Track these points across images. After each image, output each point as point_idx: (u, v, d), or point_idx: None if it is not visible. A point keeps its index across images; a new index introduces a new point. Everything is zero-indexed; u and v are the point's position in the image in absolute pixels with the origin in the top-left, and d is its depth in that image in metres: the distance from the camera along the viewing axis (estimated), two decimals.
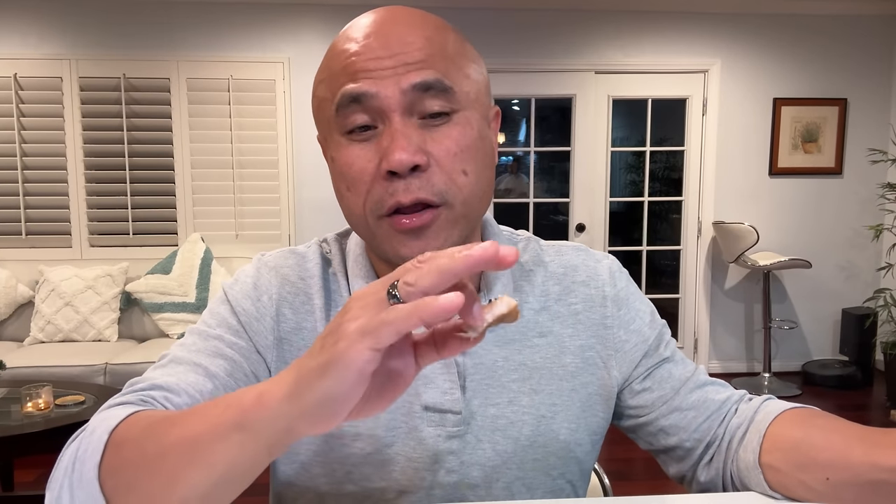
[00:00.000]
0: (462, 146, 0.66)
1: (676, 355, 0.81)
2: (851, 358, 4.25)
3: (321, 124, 0.71)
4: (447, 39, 0.67)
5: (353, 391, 0.42)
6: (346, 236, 0.80)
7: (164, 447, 0.50)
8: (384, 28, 0.66)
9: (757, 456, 0.70)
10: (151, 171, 4.01)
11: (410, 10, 0.68)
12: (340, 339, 0.41)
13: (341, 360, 0.41)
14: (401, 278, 0.41)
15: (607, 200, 4.38)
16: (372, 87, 0.63)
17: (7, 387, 2.58)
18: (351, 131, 0.66)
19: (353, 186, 0.66)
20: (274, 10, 4.01)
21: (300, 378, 0.43)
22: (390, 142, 0.63)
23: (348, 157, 0.66)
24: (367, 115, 0.65)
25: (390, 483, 0.71)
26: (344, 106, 0.65)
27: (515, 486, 0.74)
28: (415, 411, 0.72)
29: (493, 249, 0.40)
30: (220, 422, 0.47)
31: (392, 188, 0.64)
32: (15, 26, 3.89)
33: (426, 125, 0.65)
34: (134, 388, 0.66)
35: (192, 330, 0.73)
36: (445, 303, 0.39)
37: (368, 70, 0.64)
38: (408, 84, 0.63)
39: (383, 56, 0.64)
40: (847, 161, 4.39)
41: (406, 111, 0.64)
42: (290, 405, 0.43)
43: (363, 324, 0.41)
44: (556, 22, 4.19)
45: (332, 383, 0.41)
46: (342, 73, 0.65)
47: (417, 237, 0.65)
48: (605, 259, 0.82)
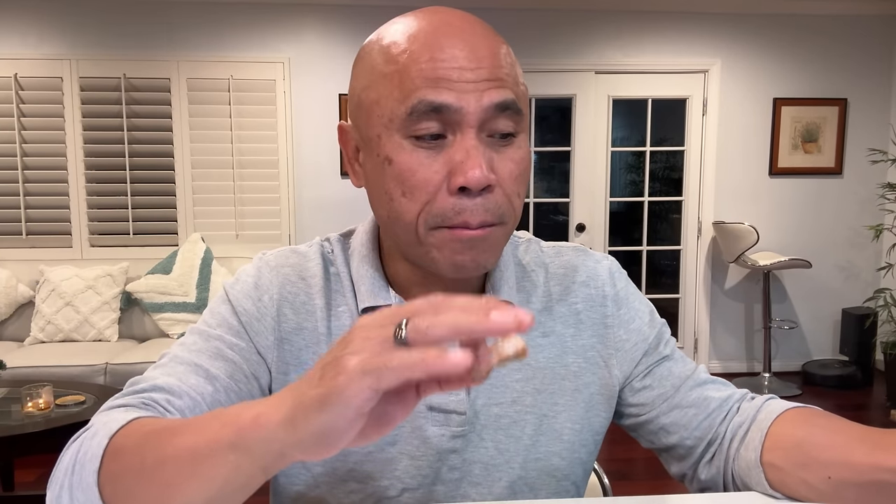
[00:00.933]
0: (521, 169, 0.66)
1: (676, 354, 0.82)
2: (851, 358, 4.26)
3: (374, 121, 0.65)
4: (512, 56, 0.67)
5: (350, 427, 0.42)
6: (350, 236, 0.80)
7: (162, 458, 0.50)
8: (464, 36, 0.63)
9: (758, 455, 0.70)
10: (151, 171, 4.01)
11: (476, 18, 0.67)
12: (341, 372, 0.40)
13: (340, 396, 0.40)
14: (411, 319, 0.40)
15: (607, 200, 4.38)
16: (455, 100, 0.61)
17: (7, 387, 2.58)
18: (419, 137, 0.63)
19: (412, 193, 0.64)
20: (274, 10, 4.01)
21: (297, 406, 0.43)
22: (466, 158, 0.61)
23: (412, 162, 0.63)
24: (440, 125, 0.63)
25: (392, 481, 0.72)
26: (420, 112, 0.62)
27: (518, 486, 0.74)
28: (419, 411, 0.72)
29: (512, 320, 0.39)
30: (217, 438, 0.47)
31: (460, 206, 0.63)
32: (15, 26, 3.89)
33: (493, 144, 0.64)
34: (135, 388, 0.66)
35: (193, 329, 0.73)
36: (454, 361, 0.38)
37: (451, 80, 0.62)
38: (489, 102, 0.62)
39: (467, 67, 0.62)
40: (847, 161, 4.39)
41: (480, 128, 0.63)
42: (286, 432, 0.43)
43: (365, 361, 0.40)
44: (556, 22, 4.19)
45: (329, 418, 0.41)
46: (419, 77, 0.62)
47: (472, 248, 0.65)
48: (605, 260, 0.83)
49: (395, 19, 0.68)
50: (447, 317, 0.39)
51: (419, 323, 0.40)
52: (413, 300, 0.42)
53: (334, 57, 4.06)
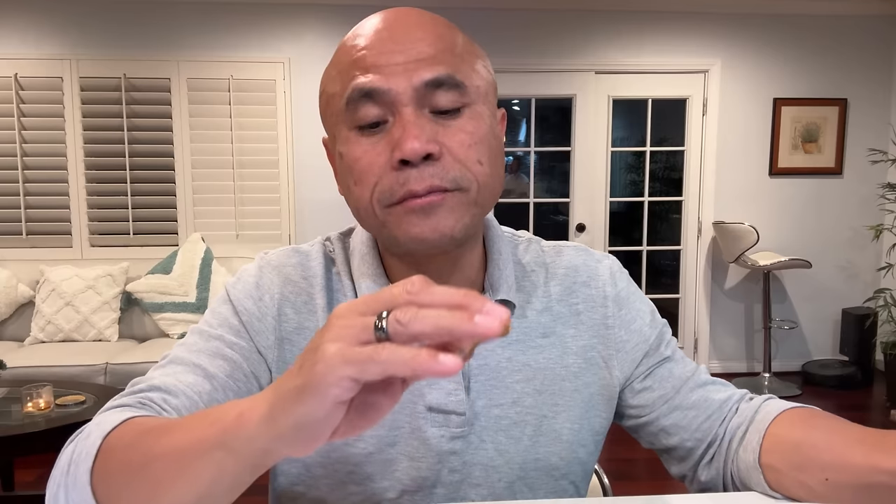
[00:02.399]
0: (476, 138, 0.65)
1: (677, 354, 0.81)
2: (851, 358, 4.25)
3: (329, 120, 0.70)
4: (456, 37, 0.68)
5: (329, 417, 0.41)
6: (350, 235, 0.80)
7: (151, 457, 0.50)
8: (395, 25, 0.66)
9: (757, 456, 0.70)
10: (152, 171, 4.01)
11: (419, 11, 0.69)
12: (319, 361, 0.40)
13: (318, 385, 0.39)
14: (392, 312, 0.39)
15: (607, 200, 4.38)
16: (384, 82, 0.63)
17: (7, 387, 2.58)
18: (361, 127, 0.65)
19: (361, 180, 0.65)
20: (274, 10, 4.01)
21: (277, 400, 0.42)
22: (402, 132, 0.62)
23: (357, 151, 0.65)
24: (378, 110, 0.64)
25: (392, 482, 0.72)
26: (354, 100, 0.64)
27: (517, 486, 0.74)
28: (418, 412, 0.72)
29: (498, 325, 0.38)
30: (203, 437, 0.47)
31: (403, 177, 0.63)
32: (15, 26, 3.89)
33: (439, 120, 0.65)
34: (133, 388, 0.66)
35: (194, 329, 0.73)
36: (446, 366, 0.37)
37: (379, 65, 0.63)
38: (419, 80, 0.63)
39: (395, 51, 0.64)
40: (847, 161, 4.39)
41: (418, 105, 0.64)
42: (267, 427, 0.43)
43: (345, 351, 0.39)
44: (556, 22, 4.19)
45: (308, 409, 0.40)
46: (352, 68, 0.65)
47: (428, 215, 0.64)
48: (606, 259, 0.83)
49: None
50: (430, 313, 0.38)
51: (401, 316, 0.39)
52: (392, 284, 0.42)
53: None
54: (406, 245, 0.66)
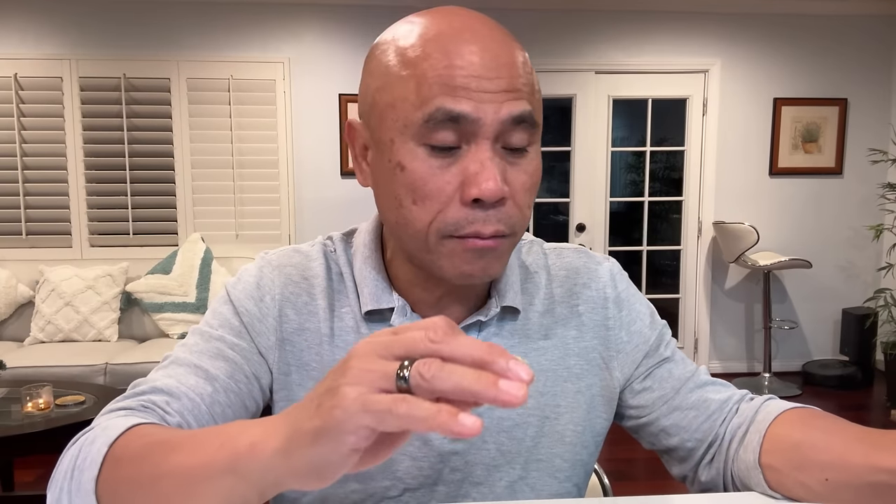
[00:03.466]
0: (533, 181, 0.66)
1: (677, 355, 0.81)
2: (852, 358, 4.25)
3: (388, 122, 0.63)
4: (529, 64, 0.66)
5: (344, 462, 0.41)
6: (352, 235, 0.79)
7: (159, 474, 0.50)
8: (485, 42, 0.62)
9: (757, 456, 0.70)
10: (151, 171, 4.01)
11: (494, 23, 0.65)
12: (338, 405, 0.39)
13: (335, 431, 0.39)
14: (416, 364, 0.38)
15: (607, 200, 4.38)
16: (473, 111, 0.60)
17: (7, 387, 2.58)
18: (434, 146, 0.61)
19: (423, 202, 0.62)
20: (274, 10, 4.01)
21: (293, 436, 0.42)
22: (480, 169, 0.60)
23: (425, 171, 0.62)
24: (456, 136, 0.61)
25: (394, 481, 0.72)
26: (437, 121, 0.60)
27: (518, 486, 0.74)
28: None
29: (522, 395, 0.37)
30: (213, 461, 0.47)
31: (473, 216, 0.62)
32: (15, 26, 3.89)
33: (506, 156, 0.63)
34: (136, 390, 0.66)
35: (195, 330, 0.73)
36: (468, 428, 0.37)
37: (470, 90, 0.60)
38: (507, 114, 0.61)
39: (486, 77, 0.60)
40: (847, 161, 4.39)
41: (496, 139, 0.62)
42: (281, 461, 0.43)
43: (365, 398, 0.38)
44: (556, 22, 4.19)
45: (324, 452, 0.40)
46: (437, 83, 0.60)
47: (482, 258, 0.64)
48: (606, 262, 0.83)
49: (409, 18, 0.66)
50: (455, 372, 0.38)
51: (424, 370, 0.38)
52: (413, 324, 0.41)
53: (334, 57, 4.06)
54: (451, 278, 0.66)
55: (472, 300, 0.74)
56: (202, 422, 0.66)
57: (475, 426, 0.37)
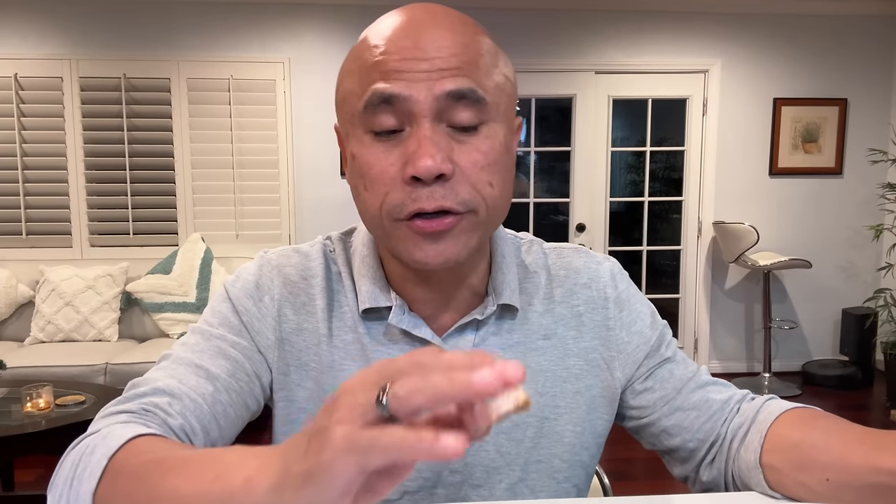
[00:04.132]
0: (490, 159, 0.64)
1: (678, 356, 0.81)
2: (852, 358, 4.25)
3: (343, 117, 0.68)
4: (483, 46, 0.65)
5: (338, 501, 0.39)
6: (351, 234, 0.79)
7: (154, 497, 0.50)
8: (420, 27, 0.63)
9: (758, 456, 0.70)
10: (151, 171, 4.01)
11: (447, 11, 0.66)
12: (325, 446, 0.38)
13: (325, 473, 0.38)
14: (392, 384, 0.37)
15: (607, 200, 4.38)
16: (404, 89, 0.61)
17: (7, 387, 2.58)
18: (377, 132, 0.64)
19: (372, 186, 0.64)
20: (274, 10, 4.01)
21: (284, 477, 0.41)
22: (417, 147, 0.61)
23: (370, 156, 0.64)
24: (396, 118, 0.62)
25: None
26: (373, 105, 0.62)
27: (518, 488, 0.74)
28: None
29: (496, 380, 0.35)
30: (208, 491, 0.47)
31: (415, 194, 0.62)
32: (15, 26, 3.89)
33: (454, 135, 0.63)
34: (136, 391, 0.66)
35: (194, 329, 0.73)
36: (447, 448, 0.35)
37: (401, 71, 0.62)
38: (441, 90, 0.61)
39: (418, 58, 0.62)
40: (847, 161, 4.39)
41: (436, 117, 0.62)
42: (274, 498, 0.42)
43: (350, 436, 0.37)
44: (556, 22, 4.19)
45: (315, 492, 0.39)
46: (373, 70, 0.63)
47: (435, 241, 0.64)
48: (607, 262, 0.83)
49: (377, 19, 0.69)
50: (428, 383, 0.36)
51: (398, 390, 0.36)
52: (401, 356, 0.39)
53: (334, 57, 4.05)
54: (409, 264, 0.66)
55: (469, 299, 0.74)
56: (204, 422, 0.66)
57: (456, 445, 0.35)
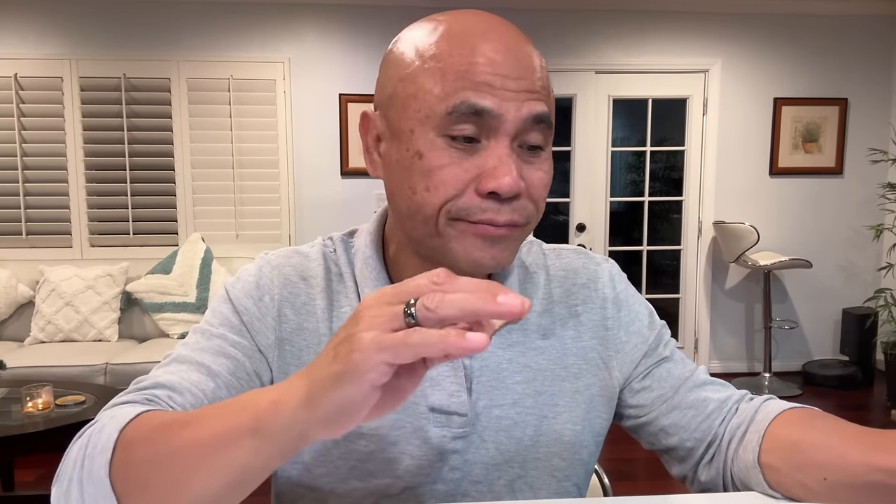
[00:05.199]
0: (549, 178, 0.68)
1: (676, 355, 0.82)
2: (852, 358, 4.25)
3: (409, 112, 0.64)
4: (546, 69, 0.68)
5: (367, 400, 0.43)
6: (353, 236, 0.80)
7: (175, 449, 0.50)
8: (508, 43, 0.64)
9: (756, 455, 0.71)
10: (151, 171, 4.01)
11: (514, 27, 0.67)
12: (355, 349, 0.42)
13: (356, 370, 0.42)
14: (419, 299, 0.42)
15: (607, 200, 4.38)
16: (497, 106, 0.62)
17: (7, 387, 2.58)
18: (454, 137, 0.63)
19: (437, 188, 0.63)
20: (274, 10, 4.01)
21: (314, 385, 0.44)
22: (499, 164, 0.62)
23: (443, 159, 0.63)
24: (477, 130, 0.63)
25: (394, 480, 0.72)
26: (460, 113, 0.62)
27: (517, 485, 0.75)
28: (421, 412, 0.72)
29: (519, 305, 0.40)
30: (234, 425, 0.48)
31: (487, 206, 0.63)
32: (15, 26, 3.89)
33: (522, 154, 0.65)
34: (138, 385, 0.66)
35: (196, 329, 0.73)
36: (475, 343, 0.40)
37: (494, 87, 0.62)
38: (528, 113, 0.63)
39: (510, 76, 0.62)
40: (847, 161, 4.39)
41: (515, 137, 0.63)
42: (306, 412, 0.45)
43: (379, 338, 0.41)
44: (557, 22, 4.19)
45: (347, 393, 0.43)
46: (464, 78, 0.62)
47: (493, 245, 0.65)
48: (605, 262, 0.84)
49: (431, 17, 0.67)
50: (456, 297, 0.41)
51: (428, 302, 0.41)
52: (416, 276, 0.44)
53: (334, 57, 4.06)
54: (461, 263, 0.66)
55: None
56: None
57: (483, 341, 0.40)
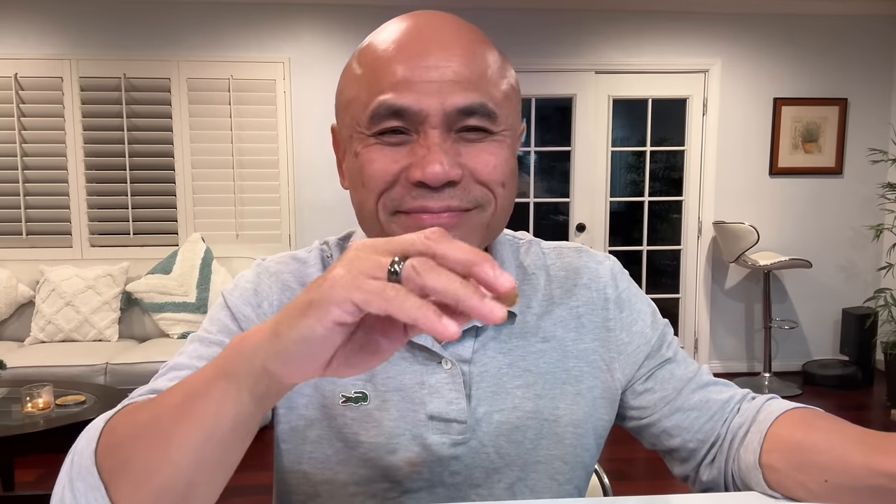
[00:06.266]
0: (500, 160, 0.65)
1: (679, 356, 0.81)
2: (852, 358, 4.25)
3: (345, 121, 0.67)
4: (490, 55, 0.65)
5: (329, 337, 0.42)
6: (348, 239, 0.79)
7: (156, 412, 0.51)
8: (429, 37, 0.63)
9: (757, 456, 0.70)
10: (152, 171, 4.01)
11: (454, 20, 0.66)
12: (328, 282, 0.41)
13: (323, 300, 0.41)
14: (410, 259, 0.40)
15: (607, 200, 4.37)
16: (414, 103, 0.61)
17: (7, 387, 2.58)
18: (381, 132, 0.63)
19: (370, 182, 0.64)
20: (274, 10, 4.01)
21: (281, 317, 0.44)
22: (426, 153, 0.61)
23: (374, 154, 0.63)
24: (404, 125, 0.62)
25: (393, 484, 0.72)
26: (380, 115, 0.62)
27: (518, 488, 0.74)
28: (420, 420, 0.72)
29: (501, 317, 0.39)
30: (205, 374, 0.48)
31: (418, 193, 0.62)
32: (15, 26, 3.89)
33: (463, 139, 0.63)
34: (135, 394, 0.66)
35: (194, 337, 0.73)
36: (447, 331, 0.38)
37: (411, 83, 0.61)
38: (452, 106, 0.61)
39: (429, 67, 0.61)
40: (847, 161, 4.39)
41: (446, 127, 0.62)
42: (269, 342, 0.44)
43: (355, 278, 0.40)
44: (556, 22, 4.19)
45: (310, 323, 0.41)
46: (381, 79, 0.62)
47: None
48: (607, 260, 0.82)
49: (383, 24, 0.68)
50: (446, 279, 0.39)
51: (418, 265, 0.40)
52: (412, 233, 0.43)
53: (334, 57, 4.05)
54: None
55: None
56: None
57: (454, 333, 0.38)
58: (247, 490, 2.54)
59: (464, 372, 0.73)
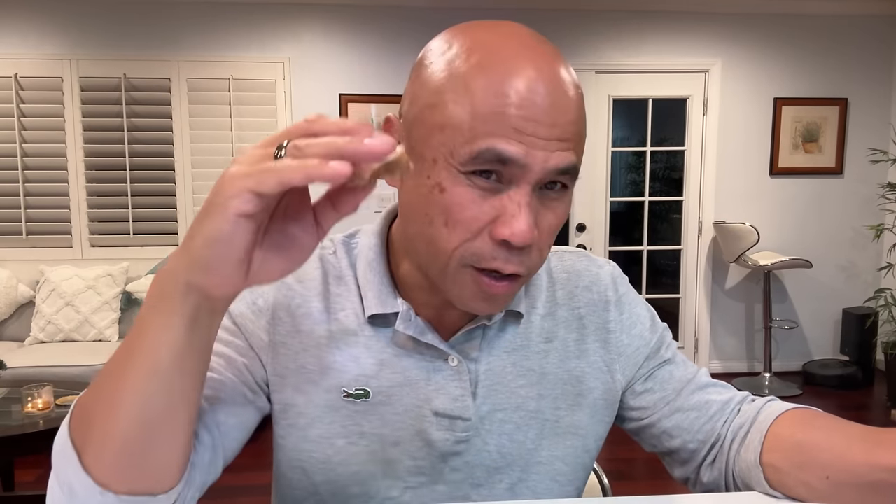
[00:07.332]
0: (560, 223, 0.64)
1: (678, 357, 0.82)
2: (852, 358, 4.25)
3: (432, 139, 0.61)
4: (583, 106, 0.64)
5: (234, 232, 0.43)
6: (354, 237, 0.78)
7: (107, 367, 0.53)
8: (549, 88, 0.59)
9: (758, 455, 0.71)
10: (152, 171, 4.01)
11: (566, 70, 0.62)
12: (220, 181, 0.44)
13: (220, 196, 0.43)
14: (291, 140, 0.43)
15: (608, 200, 4.38)
16: (523, 156, 0.58)
17: (7, 387, 2.58)
18: (475, 173, 0.60)
19: (455, 228, 0.61)
20: (274, 10, 4.01)
21: (189, 231, 0.46)
22: (517, 212, 0.59)
23: (464, 197, 0.60)
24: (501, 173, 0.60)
25: (395, 481, 0.72)
26: (484, 160, 0.59)
27: (518, 488, 0.75)
28: (425, 415, 0.72)
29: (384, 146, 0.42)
30: (139, 316, 0.50)
31: (497, 253, 0.61)
32: (15, 26, 3.89)
33: (542, 197, 0.62)
34: None
35: None
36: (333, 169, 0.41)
37: (523, 133, 0.58)
38: (554, 166, 0.59)
39: (544, 122, 0.58)
40: (848, 161, 4.39)
41: (536, 184, 0.60)
42: (182, 256, 0.46)
43: (244, 168, 0.43)
44: (557, 22, 4.19)
45: (213, 224, 0.43)
46: (492, 121, 0.58)
47: (488, 299, 0.64)
48: (607, 265, 0.83)
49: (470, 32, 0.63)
50: (325, 139, 0.42)
51: (299, 143, 0.43)
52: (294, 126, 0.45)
53: (334, 57, 4.05)
54: (453, 301, 0.66)
55: None
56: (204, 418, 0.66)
57: (343, 168, 0.41)
58: (247, 490, 2.54)
59: (470, 370, 0.73)
